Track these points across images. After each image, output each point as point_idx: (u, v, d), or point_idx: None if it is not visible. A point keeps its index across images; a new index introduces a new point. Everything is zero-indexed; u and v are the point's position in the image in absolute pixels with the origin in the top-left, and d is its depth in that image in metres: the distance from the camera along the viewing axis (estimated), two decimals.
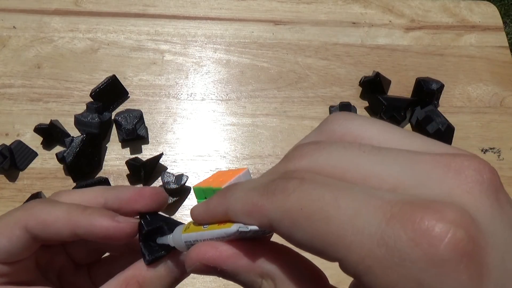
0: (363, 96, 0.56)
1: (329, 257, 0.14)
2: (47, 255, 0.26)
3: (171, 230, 0.22)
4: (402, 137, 0.17)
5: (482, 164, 0.15)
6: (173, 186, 0.46)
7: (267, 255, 0.17)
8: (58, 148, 0.50)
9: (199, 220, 0.20)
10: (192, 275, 0.49)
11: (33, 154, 0.49)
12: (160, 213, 0.24)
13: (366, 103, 0.55)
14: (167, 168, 0.50)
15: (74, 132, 0.50)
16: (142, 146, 0.51)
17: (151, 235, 0.23)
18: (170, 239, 0.22)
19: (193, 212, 0.20)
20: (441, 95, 0.55)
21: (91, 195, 0.25)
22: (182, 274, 0.24)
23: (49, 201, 0.25)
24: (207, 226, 0.19)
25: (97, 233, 0.23)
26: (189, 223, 0.21)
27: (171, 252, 0.22)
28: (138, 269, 0.23)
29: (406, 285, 0.13)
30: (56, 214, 0.23)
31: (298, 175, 0.16)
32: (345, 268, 0.14)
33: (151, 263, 0.22)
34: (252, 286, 0.18)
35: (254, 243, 0.18)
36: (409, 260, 0.13)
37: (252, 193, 0.17)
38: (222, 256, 0.18)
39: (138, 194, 0.24)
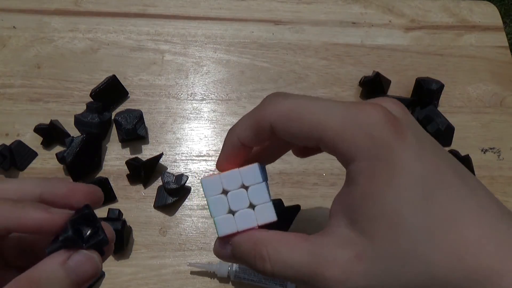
0: (363, 96, 0.56)
1: (313, 139, 0.23)
2: None
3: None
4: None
5: (397, 103, 0.25)
6: (173, 186, 0.46)
7: (259, 230, 0.26)
8: (58, 148, 0.50)
9: (221, 166, 0.27)
10: (192, 275, 0.48)
11: (33, 154, 0.49)
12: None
13: None
14: (167, 168, 0.50)
15: (74, 132, 0.50)
16: (142, 146, 0.51)
17: (80, 224, 0.22)
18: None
19: (218, 163, 0.28)
20: (441, 95, 0.55)
21: (28, 185, 0.24)
22: (83, 281, 0.23)
23: None
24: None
25: (30, 225, 0.22)
26: None
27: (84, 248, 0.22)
28: (32, 271, 0.22)
29: (365, 141, 0.21)
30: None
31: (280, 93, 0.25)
32: (326, 144, 0.23)
33: (51, 251, 0.22)
34: (251, 255, 0.25)
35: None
36: (364, 125, 0.22)
37: (253, 111, 0.25)
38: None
39: (71, 191, 0.24)
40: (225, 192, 0.26)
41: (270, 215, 0.26)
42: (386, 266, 0.20)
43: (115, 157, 0.50)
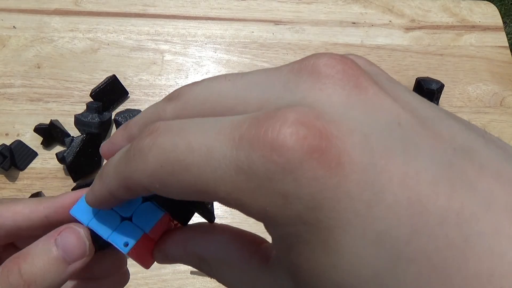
0: None
1: (210, 199, 0.14)
2: None
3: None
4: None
5: (332, 58, 0.14)
6: None
7: (198, 240, 0.19)
8: (58, 148, 0.50)
9: (95, 206, 0.19)
10: (192, 275, 0.48)
11: (33, 154, 0.49)
12: None
13: None
14: None
15: (74, 132, 0.50)
16: None
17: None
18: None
19: (87, 199, 0.20)
20: (441, 95, 0.55)
21: (32, 205, 0.24)
22: (71, 259, 0.21)
23: (18, 198, 0.25)
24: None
25: (67, 205, 0.22)
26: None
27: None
28: (25, 248, 0.21)
29: (275, 204, 0.12)
30: (27, 203, 0.24)
31: (154, 127, 0.15)
32: (225, 204, 0.14)
33: (101, 249, 0.22)
34: (197, 267, 0.19)
35: (188, 230, 0.19)
36: (267, 178, 0.12)
37: (119, 167, 0.16)
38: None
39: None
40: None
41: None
42: None
43: None
